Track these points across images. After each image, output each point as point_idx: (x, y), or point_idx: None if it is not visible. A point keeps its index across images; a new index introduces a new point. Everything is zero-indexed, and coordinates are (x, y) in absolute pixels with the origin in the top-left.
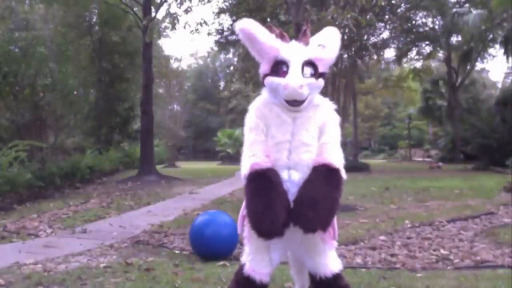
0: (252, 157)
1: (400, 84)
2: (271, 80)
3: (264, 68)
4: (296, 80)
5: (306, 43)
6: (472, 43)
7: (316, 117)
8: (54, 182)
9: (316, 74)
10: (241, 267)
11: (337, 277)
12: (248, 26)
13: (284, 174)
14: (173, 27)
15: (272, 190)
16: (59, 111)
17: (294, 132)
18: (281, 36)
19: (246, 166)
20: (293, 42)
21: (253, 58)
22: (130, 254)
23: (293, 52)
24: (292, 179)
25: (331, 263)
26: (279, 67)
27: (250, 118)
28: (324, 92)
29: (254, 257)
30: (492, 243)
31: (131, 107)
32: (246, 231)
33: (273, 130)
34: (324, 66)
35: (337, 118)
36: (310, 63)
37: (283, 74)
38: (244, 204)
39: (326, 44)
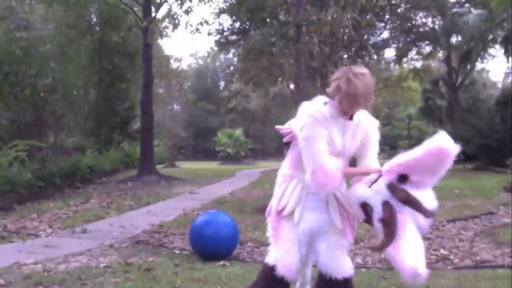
0: (324, 157)
1: (400, 84)
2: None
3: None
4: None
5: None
6: (472, 43)
7: (361, 130)
8: (54, 182)
9: None
10: (271, 268)
11: (347, 281)
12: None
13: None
14: (175, 28)
15: None
16: (59, 111)
17: (345, 143)
18: None
19: (313, 162)
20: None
21: (253, 58)
22: (130, 254)
23: None
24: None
25: (344, 265)
26: None
27: (312, 127)
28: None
29: (284, 256)
30: (492, 243)
31: (131, 107)
32: (273, 232)
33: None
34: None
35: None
36: None
37: None
38: (276, 200)
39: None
